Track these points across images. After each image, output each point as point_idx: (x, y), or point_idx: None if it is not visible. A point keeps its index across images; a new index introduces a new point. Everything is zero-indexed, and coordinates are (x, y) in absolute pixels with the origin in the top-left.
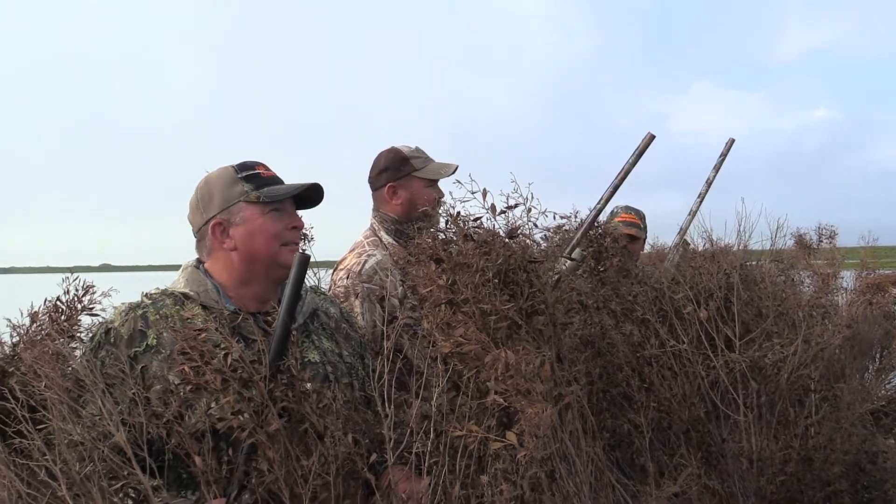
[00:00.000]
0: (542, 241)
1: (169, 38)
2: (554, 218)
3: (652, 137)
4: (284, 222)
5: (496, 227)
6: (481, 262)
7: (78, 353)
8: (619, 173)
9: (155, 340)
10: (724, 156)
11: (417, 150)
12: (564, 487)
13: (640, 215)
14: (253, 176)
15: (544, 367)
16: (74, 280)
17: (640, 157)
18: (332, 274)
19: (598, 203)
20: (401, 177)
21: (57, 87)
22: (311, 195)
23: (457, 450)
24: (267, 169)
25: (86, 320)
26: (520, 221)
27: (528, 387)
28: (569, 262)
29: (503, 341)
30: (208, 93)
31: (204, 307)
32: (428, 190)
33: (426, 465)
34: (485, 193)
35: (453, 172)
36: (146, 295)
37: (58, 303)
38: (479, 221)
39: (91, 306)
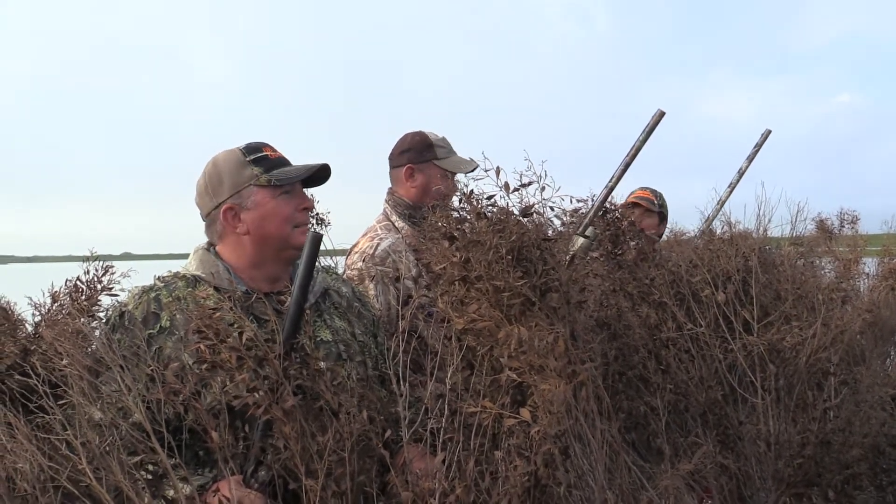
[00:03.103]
0: (555, 220)
1: (197, 30)
2: (571, 201)
3: (662, 114)
4: (295, 204)
5: (510, 205)
6: (495, 239)
7: (97, 332)
8: (630, 151)
9: (168, 322)
10: (758, 147)
11: (444, 140)
12: (578, 465)
13: (657, 194)
14: (261, 158)
15: (558, 343)
16: (95, 261)
17: (650, 134)
18: (346, 258)
19: (609, 181)
20: (421, 161)
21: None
22: (319, 175)
23: (471, 427)
24: (273, 150)
25: (106, 300)
26: (533, 199)
27: (541, 363)
28: (582, 240)
29: (517, 318)
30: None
31: (216, 289)
32: (443, 181)
33: (440, 441)
34: (498, 171)
35: (472, 171)
36: (159, 278)
37: (78, 283)
38: (492, 199)
39: (111, 286)
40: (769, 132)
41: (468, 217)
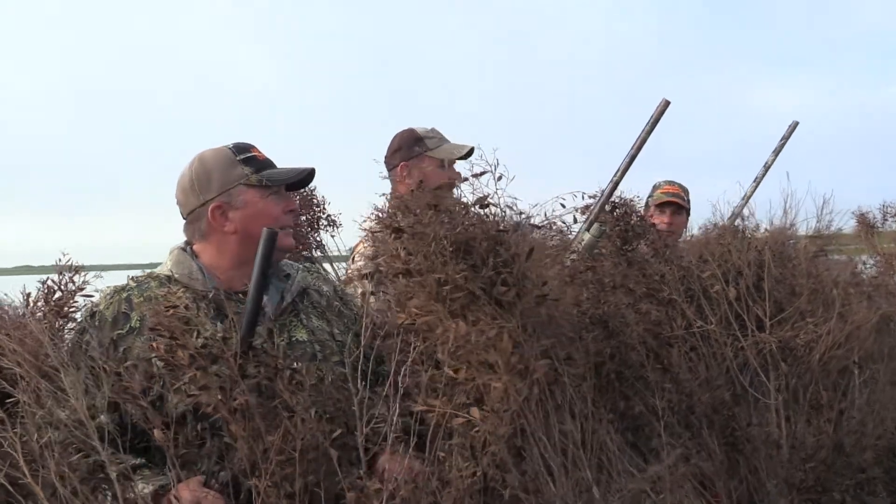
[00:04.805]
0: (513, 210)
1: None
2: (583, 198)
3: (667, 104)
4: (282, 206)
5: (463, 196)
6: (441, 230)
7: (66, 332)
8: (635, 143)
9: (138, 322)
10: (785, 139)
11: (433, 130)
12: (535, 467)
13: (684, 188)
14: (251, 158)
15: (501, 339)
16: (67, 260)
17: (655, 125)
18: (349, 262)
19: (615, 175)
20: (413, 156)
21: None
22: (303, 179)
23: (427, 427)
24: (260, 151)
25: (82, 301)
26: (488, 190)
27: (488, 359)
28: (587, 236)
29: (459, 313)
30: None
31: (188, 288)
32: (440, 171)
33: (390, 441)
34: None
35: (468, 154)
36: (132, 278)
37: (50, 282)
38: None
39: (83, 286)
40: (796, 124)
41: (415, 209)
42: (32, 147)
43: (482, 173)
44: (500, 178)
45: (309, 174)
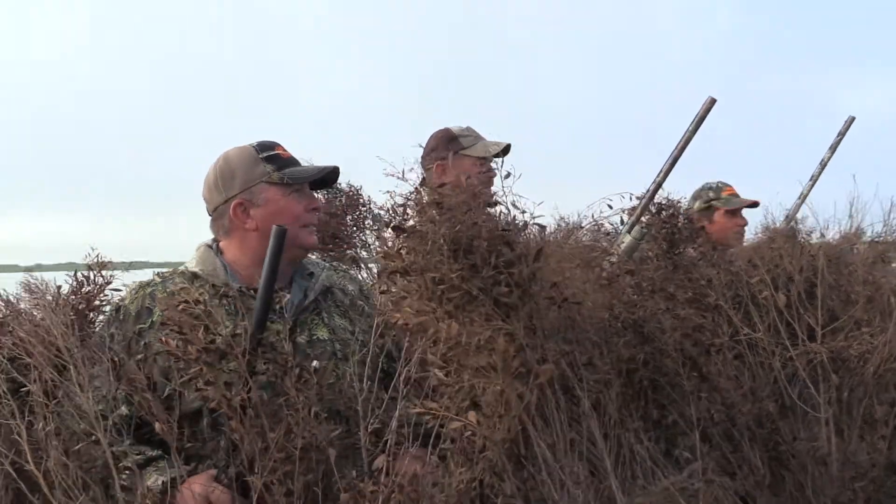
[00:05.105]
0: (519, 209)
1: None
2: (630, 199)
3: (713, 101)
4: (305, 204)
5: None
6: (441, 229)
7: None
8: (679, 143)
9: (160, 317)
10: (841, 135)
11: (468, 129)
12: (538, 473)
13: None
14: (274, 157)
15: (497, 341)
16: (96, 255)
17: (700, 124)
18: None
19: (657, 176)
20: (447, 155)
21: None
22: (327, 177)
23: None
24: (285, 150)
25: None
26: (496, 189)
27: (478, 361)
28: (629, 238)
29: (453, 313)
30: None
31: (213, 285)
32: (477, 168)
33: (391, 443)
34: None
35: (504, 151)
36: (158, 274)
37: (80, 276)
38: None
39: (109, 281)
40: (852, 119)
41: (416, 207)
42: (112, 147)
43: (508, 175)
44: (507, 175)
45: (331, 172)
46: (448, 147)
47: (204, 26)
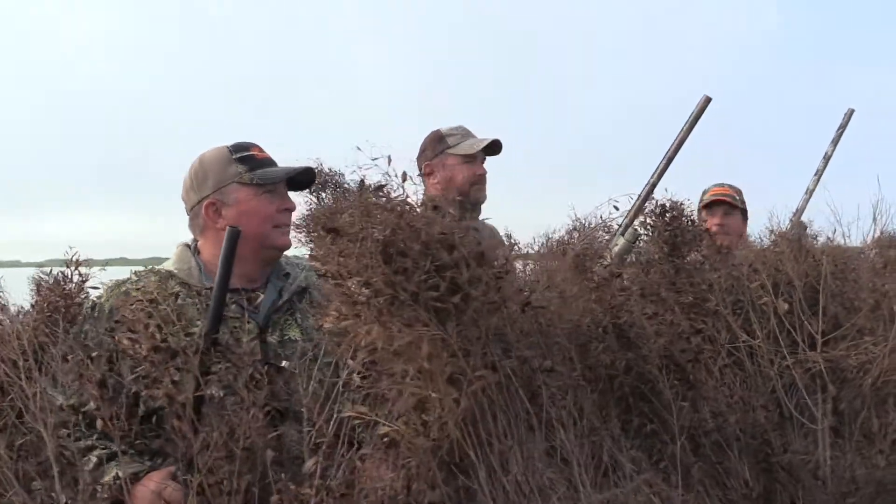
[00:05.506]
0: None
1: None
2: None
3: (708, 100)
4: (277, 205)
5: (409, 196)
6: (374, 231)
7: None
8: (673, 143)
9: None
10: (842, 128)
11: (458, 127)
12: (470, 483)
13: (735, 189)
14: (247, 157)
15: (420, 347)
16: (75, 254)
17: (695, 123)
18: None
19: (651, 177)
20: (436, 155)
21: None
22: (303, 178)
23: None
24: (261, 150)
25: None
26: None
27: (396, 367)
28: (622, 241)
29: (377, 318)
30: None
31: (186, 284)
32: (464, 167)
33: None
34: (389, 160)
35: (492, 148)
36: (135, 272)
37: (60, 274)
38: (384, 189)
39: (86, 278)
40: (852, 111)
41: (349, 208)
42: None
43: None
44: (404, 176)
45: (304, 173)
46: (436, 147)
47: (203, 26)
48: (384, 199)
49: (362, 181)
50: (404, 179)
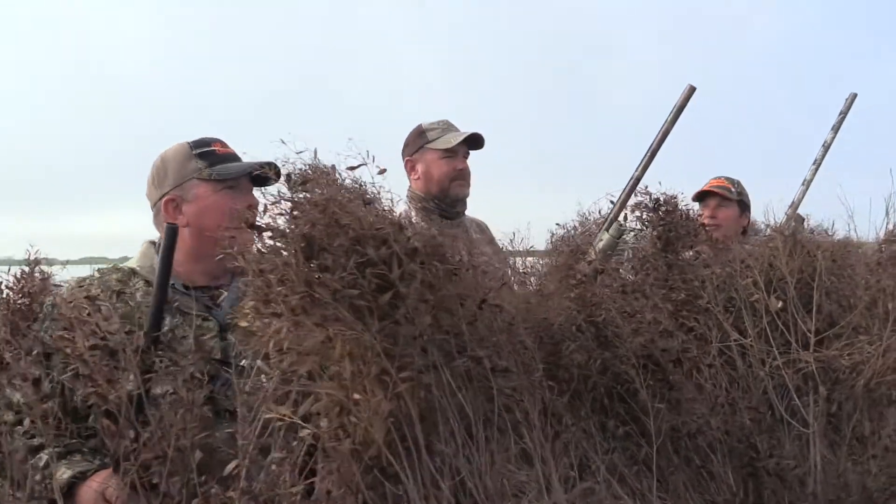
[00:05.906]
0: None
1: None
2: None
3: (692, 90)
4: (238, 201)
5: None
6: (297, 227)
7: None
8: (657, 136)
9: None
10: (843, 114)
11: (440, 122)
12: (397, 490)
13: (733, 181)
14: (208, 153)
15: (333, 346)
16: (35, 252)
17: (679, 113)
18: None
19: (635, 171)
20: (417, 150)
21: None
22: (265, 174)
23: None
24: (224, 146)
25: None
26: (370, 186)
27: (305, 367)
28: (606, 236)
29: (290, 316)
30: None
31: (148, 282)
32: (443, 162)
33: (250, 448)
34: (315, 153)
35: (473, 143)
36: (97, 270)
37: (21, 272)
38: (308, 184)
39: (47, 276)
40: (854, 96)
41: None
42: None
43: (358, 166)
44: (382, 171)
45: (262, 168)
46: (416, 142)
47: (204, 27)
48: (309, 194)
49: (289, 175)
50: (381, 173)
